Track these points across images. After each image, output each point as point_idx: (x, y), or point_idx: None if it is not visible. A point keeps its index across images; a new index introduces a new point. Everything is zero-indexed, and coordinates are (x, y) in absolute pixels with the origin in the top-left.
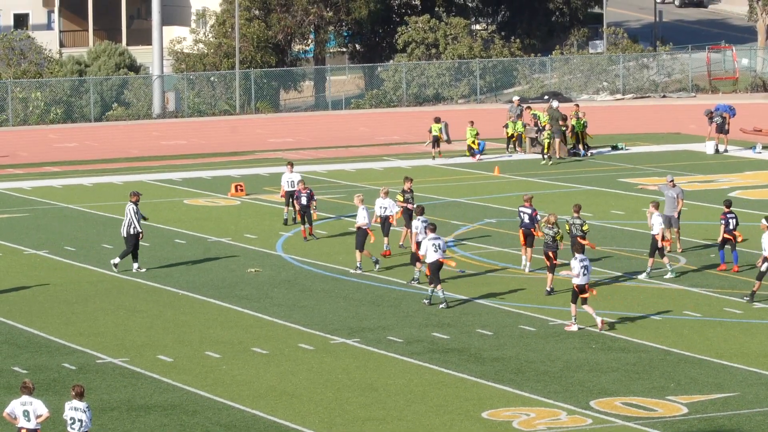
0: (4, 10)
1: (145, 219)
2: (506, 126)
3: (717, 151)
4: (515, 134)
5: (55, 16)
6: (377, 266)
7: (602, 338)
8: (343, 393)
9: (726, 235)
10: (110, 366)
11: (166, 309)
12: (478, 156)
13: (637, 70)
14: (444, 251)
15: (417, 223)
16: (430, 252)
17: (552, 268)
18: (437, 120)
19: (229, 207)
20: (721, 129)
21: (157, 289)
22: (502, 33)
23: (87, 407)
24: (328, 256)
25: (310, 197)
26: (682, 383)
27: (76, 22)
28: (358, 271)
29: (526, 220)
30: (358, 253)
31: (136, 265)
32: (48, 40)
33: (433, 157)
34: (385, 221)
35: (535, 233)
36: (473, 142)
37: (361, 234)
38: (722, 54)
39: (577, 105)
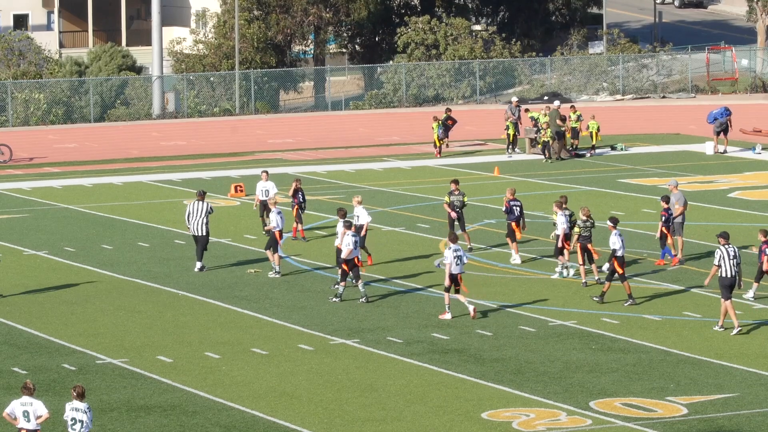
0: (4, 11)
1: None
2: (507, 128)
3: (717, 151)
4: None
5: (55, 16)
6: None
7: (602, 339)
8: (343, 394)
9: (664, 230)
10: (110, 366)
11: (165, 310)
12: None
13: (637, 71)
14: (359, 249)
15: (340, 227)
16: (349, 249)
17: (591, 261)
18: (436, 119)
19: (229, 207)
20: (722, 130)
21: (156, 289)
22: (502, 34)
23: (88, 408)
24: (328, 256)
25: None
26: (681, 384)
27: (76, 23)
28: (276, 275)
29: (517, 213)
30: (269, 254)
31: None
32: (47, 41)
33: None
34: (359, 231)
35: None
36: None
37: (273, 236)
38: (722, 55)
39: (573, 106)
